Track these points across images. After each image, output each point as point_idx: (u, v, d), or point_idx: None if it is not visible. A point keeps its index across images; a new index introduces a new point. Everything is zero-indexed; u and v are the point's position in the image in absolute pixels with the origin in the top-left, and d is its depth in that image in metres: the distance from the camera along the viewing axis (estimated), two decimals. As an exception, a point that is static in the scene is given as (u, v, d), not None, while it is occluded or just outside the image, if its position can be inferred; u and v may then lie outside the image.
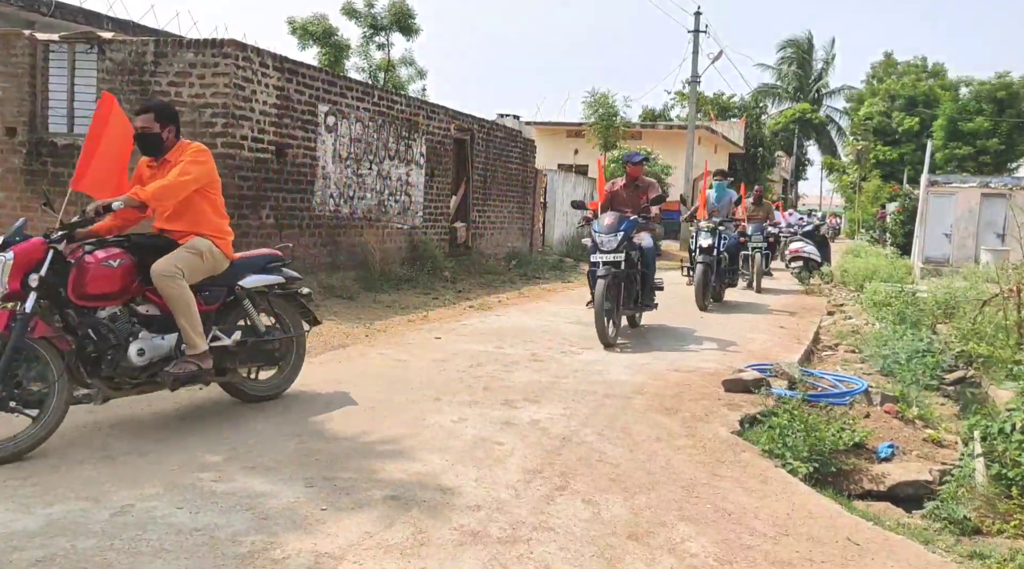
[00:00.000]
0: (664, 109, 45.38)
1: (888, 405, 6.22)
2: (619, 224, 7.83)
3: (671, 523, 3.66)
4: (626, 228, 7.82)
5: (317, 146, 10.23)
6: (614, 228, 7.77)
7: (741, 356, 7.58)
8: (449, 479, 4.00)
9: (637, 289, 8.33)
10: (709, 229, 11.22)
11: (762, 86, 55.09)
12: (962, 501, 4.56)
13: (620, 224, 7.84)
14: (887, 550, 3.62)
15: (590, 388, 6.05)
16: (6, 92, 9.50)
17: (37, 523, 3.29)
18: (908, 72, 44.26)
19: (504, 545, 3.31)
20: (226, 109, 8.69)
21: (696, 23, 27.01)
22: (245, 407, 5.15)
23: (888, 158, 38.84)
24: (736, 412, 5.55)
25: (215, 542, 3.18)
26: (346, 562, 3.08)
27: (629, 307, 8.27)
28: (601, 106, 23.13)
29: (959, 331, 9.21)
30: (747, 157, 39.20)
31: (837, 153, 53.51)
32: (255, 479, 3.87)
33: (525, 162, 17.70)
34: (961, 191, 21.00)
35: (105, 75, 9.12)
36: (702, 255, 10.77)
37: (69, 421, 4.73)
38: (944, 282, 12.01)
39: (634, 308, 8.45)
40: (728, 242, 11.40)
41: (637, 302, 8.42)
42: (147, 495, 3.61)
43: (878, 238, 30.48)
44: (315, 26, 21.63)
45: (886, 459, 5.25)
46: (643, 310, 8.61)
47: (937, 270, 17.92)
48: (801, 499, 4.14)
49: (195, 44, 8.89)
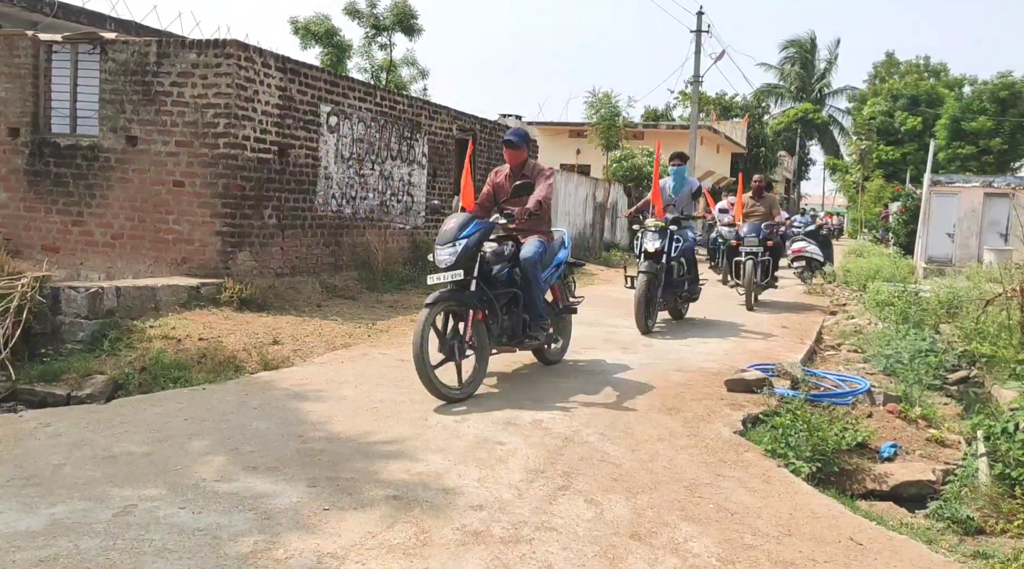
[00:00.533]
0: (666, 109, 45.38)
1: (891, 405, 6.21)
2: (460, 230, 5.54)
3: (674, 523, 3.66)
4: (469, 234, 5.53)
5: (319, 146, 10.24)
6: (451, 236, 5.51)
7: (743, 356, 7.57)
8: (451, 479, 4.00)
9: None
10: (656, 229, 8.96)
11: (765, 86, 55.06)
12: (965, 501, 4.55)
13: (462, 230, 5.54)
14: (890, 550, 3.61)
15: (592, 388, 6.05)
16: (9, 93, 9.51)
17: (40, 523, 3.29)
18: (910, 72, 44.24)
19: (507, 545, 3.30)
20: (228, 109, 8.69)
21: (698, 23, 27.03)
22: (247, 408, 5.15)
23: (891, 158, 38.80)
24: (739, 412, 5.54)
25: (217, 542, 3.18)
26: (349, 562, 3.08)
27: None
28: (604, 106, 23.08)
29: (962, 331, 9.19)
30: (749, 157, 39.16)
31: (840, 153, 53.45)
32: (257, 479, 3.87)
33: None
34: (964, 191, 20.96)
35: (108, 76, 9.13)
36: (647, 262, 8.65)
37: (71, 422, 4.74)
38: (947, 282, 11.99)
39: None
40: (683, 245, 9.13)
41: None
42: (150, 495, 3.62)
43: (881, 238, 30.45)
44: (317, 26, 21.65)
45: (889, 459, 5.25)
46: (527, 343, 6.27)
47: (940, 270, 17.89)
48: (804, 499, 4.13)
49: (197, 44, 8.89)
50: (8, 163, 9.60)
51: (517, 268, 5.95)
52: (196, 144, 8.76)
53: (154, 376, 5.79)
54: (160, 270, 8.78)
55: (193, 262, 8.69)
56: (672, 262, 8.95)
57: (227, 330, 7.16)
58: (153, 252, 8.89)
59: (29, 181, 9.51)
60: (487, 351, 5.69)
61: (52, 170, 9.40)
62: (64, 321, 6.75)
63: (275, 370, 6.28)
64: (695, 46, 26.91)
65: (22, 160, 9.52)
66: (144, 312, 7.27)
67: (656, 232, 8.92)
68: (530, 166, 6.33)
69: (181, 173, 8.81)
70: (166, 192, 8.86)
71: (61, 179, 9.36)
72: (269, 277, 9.15)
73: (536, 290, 5.96)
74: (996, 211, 20.57)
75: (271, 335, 7.19)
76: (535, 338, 6.09)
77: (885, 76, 46.52)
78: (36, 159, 9.47)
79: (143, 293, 7.43)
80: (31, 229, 9.54)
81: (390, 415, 5.07)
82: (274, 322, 7.72)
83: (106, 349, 6.40)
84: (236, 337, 6.96)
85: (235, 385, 5.77)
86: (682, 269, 9.25)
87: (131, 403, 5.24)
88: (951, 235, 20.78)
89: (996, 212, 20.57)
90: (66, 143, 9.36)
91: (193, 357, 6.24)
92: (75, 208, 9.31)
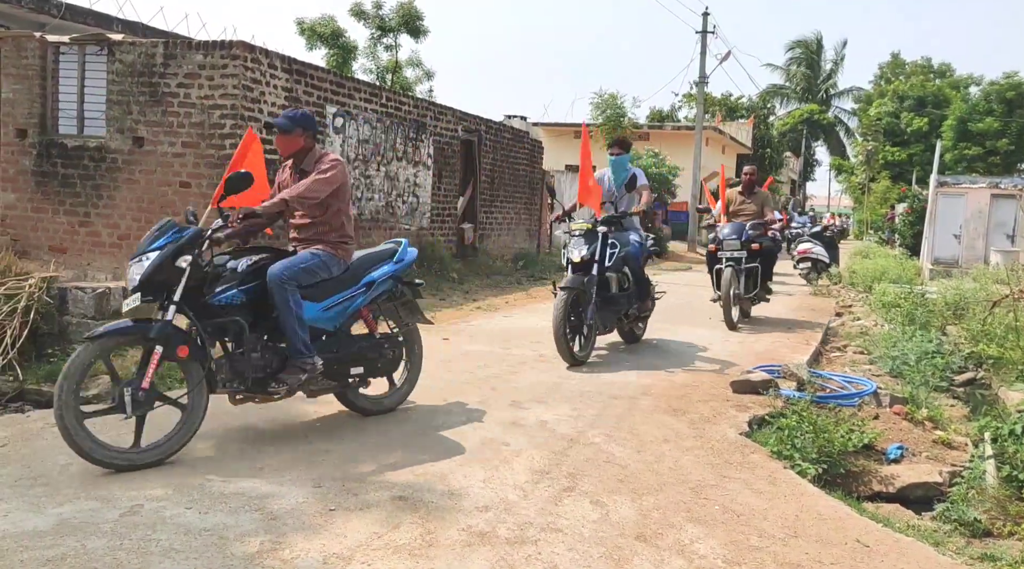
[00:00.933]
0: (672, 110, 45.35)
1: (897, 406, 6.20)
2: (152, 241, 4.27)
3: (679, 524, 3.66)
4: (160, 245, 4.18)
5: (325, 147, 10.26)
6: (141, 248, 4.25)
7: (749, 357, 7.56)
8: (457, 480, 4.00)
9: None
10: (582, 233, 7.10)
11: (770, 87, 54.97)
12: (972, 503, 4.54)
13: (154, 241, 4.24)
14: (897, 552, 3.60)
15: (597, 389, 6.05)
16: (17, 94, 9.55)
17: (48, 523, 3.30)
18: (916, 73, 44.15)
19: (512, 546, 3.30)
20: (235, 110, 8.71)
21: (704, 24, 27.00)
22: (251, 409, 5.15)
23: (897, 159, 38.70)
24: (744, 413, 5.53)
25: (224, 542, 3.18)
26: (354, 562, 3.09)
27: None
28: (609, 107, 23.13)
29: (969, 332, 9.16)
30: (755, 158, 39.11)
31: (846, 154, 53.35)
32: (263, 480, 3.87)
33: (532, 163, 17.70)
34: (971, 192, 20.90)
35: (115, 77, 9.16)
36: (574, 275, 6.94)
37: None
38: (953, 283, 11.96)
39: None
40: (622, 251, 7.27)
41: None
42: (156, 495, 3.63)
43: (887, 239, 30.38)
44: (323, 27, 21.70)
45: (895, 461, 5.23)
46: None
47: (946, 271, 17.85)
48: (810, 501, 4.12)
49: (204, 46, 8.92)
50: (16, 164, 9.64)
51: None
52: (202, 145, 8.78)
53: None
54: (166, 271, 8.80)
55: (199, 263, 8.71)
56: (608, 273, 7.18)
57: (233, 331, 7.16)
58: (159, 253, 8.91)
59: (37, 182, 9.54)
60: (201, 400, 4.24)
61: (59, 171, 9.43)
62: (71, 321, 6.78)
63: (281, 371, 6.27)
64: (700, 47, 26.88)
65: (30, 161, 9.56)
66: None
67: (582, 236, 7.09)
68: (313, 156, 4.81)
69: (187, 174, 8.84)
70: (172, 193, 8.89)
71: (68, 180, 9.39)
72: (275, 278, 9.16)
73: (288, 316, 4.39)
74: (1003, 212, 20.51)
75: (277, 336, 7.19)
76: (283, 382, 4.45)
77: (891, 77, 46.43)
78: (43, 160, 9.50)
79: (149, 294, 7.44)
80: (38, 230, 9.58)
81: (395, 416, 5.08)
82: (280, 323, 7.72)
83: (113, 349, 6.41)
84: (242, 338, 6.97)
85: (241, 385, 5.77)
86: (626, 281, 7.47)
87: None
88: (958, 236, 20.73)
89: (1003, 213, 20.52)
90: (73, 144, 9.40)
91: (199, 357, 6.24)
92: (82, 209, 9.34)
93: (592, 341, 7.05)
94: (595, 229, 7.13)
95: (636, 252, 7.52)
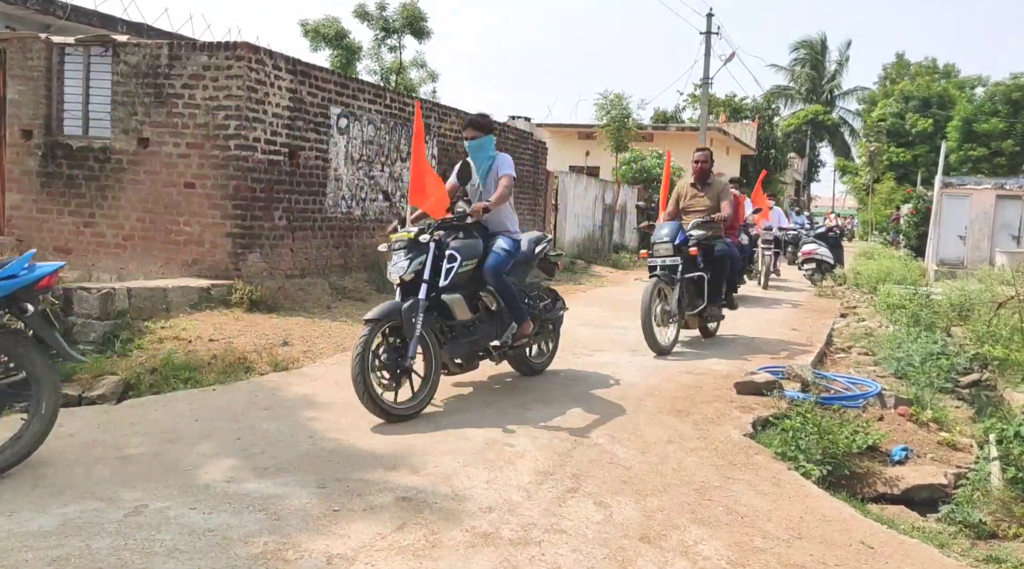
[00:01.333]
0: (676, 111, 45.34)
1: (902, 408, 6.18)
2: None
3: (683, 525, 3.65)
4: None
5: (329, 148, 10.26)
6: None
7: (753, 358, 7.55)
8: (460, 481, 4.00)
9: None
10: (405, 245, 5.30)
11: (775, 87, 54.95)
12: (977, 505, 4.53)
13: None
14: (901, 554, 3.59)
15: (602, 390, 6.04)
16: (22, 95, 9.57)
17: (52, 523, 3.31)
18: (920, 73, 44.09)
19: (516, 547, 3.30)
20: (239, 111, 8.73)
21: (708, 24, 26.99)
22: (257, 409, 5.16)
23: (901, 160, 38.66)
24: (748, 414, 5.52)
25: (228, 543, 3.19)
26: (358, 563, 3.09)
27: None
28: (614, 107, 23.08)
29: (974, 333, 9.15)
30: (759, 159, 39.08)
31: (850, 155, 53.30)
32: (267, 480, 3.88)
33: (536, 164, 17.70)
34: (976, 193, 20.87)
35: (119, 78, 9.18)
36: (392, 302, 5.17)
37: (82, 422, 4.77)
38: (959, 284, 11.94)
39: None
40: (465, 266, 5.38)
41: None
42: (160, 496, 3.63)
43: (892, 240, 30.32)
44: (327, 28, 21.72)
45: (900, 462, 5.22)
46: None
47: (951, 272, 17.82)
48: (814, 502, 4.12)
49: (209, 47, 8.93)
50: (21, 165, 9.67)
51: None
52: (207, 146, 8.80)
53: (165, 377, 5.81)
54: (171, 271, 8.82)
55: (204, 263, 8.73)
56: (450, 295, 5.30)
57: (237, 331, 7.18)
58: (164, 253, 8.94)
59: (42, 183, 9.57)
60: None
61: (64, 172, 9.46)
62: (76, 322, 6.79)
63: (285, 371, 6.30)
64: (705, 48, 26.92)
65: (35, 162, 9.58)
66: (155, 313, 7.30)
67: (404, 249, 5.27)
68: None
69: (192, 175, 8.85)
70: (177, 194, 8.90)
71: (73, 181, 9.41)
72: (279, 278, 9.17)
73: None
74: (1008, 213, 20.49)
75: (281, 336, 7.22)
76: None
77: (896, 78, 46.38)
78: (48, 161, 9.53)
79: (154, 294, 7.47)
80: (43, 230, 9.60)
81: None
82: (284, 323, 7.74)
83: (117, 350, 6.43)
84: (246, 338, 6.99)
85: (245, 386, 5.79)
86: (476, 308, 5.61)
87: (142, 404, 5.26)
88: (963, 237, 20.70)
89: (1008, 214, 20.49)
90: (78, 145, 9.42)
91: (203, 358, 6.27)
92: (87, 210, 9.36)
93: (429, 388, 5.17)
94: (416, 238, 5.29)
95: (499, 262, 5.56)
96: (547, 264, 6.48)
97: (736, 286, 9.37)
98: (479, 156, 6.02)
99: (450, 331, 5.42)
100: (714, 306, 8.27)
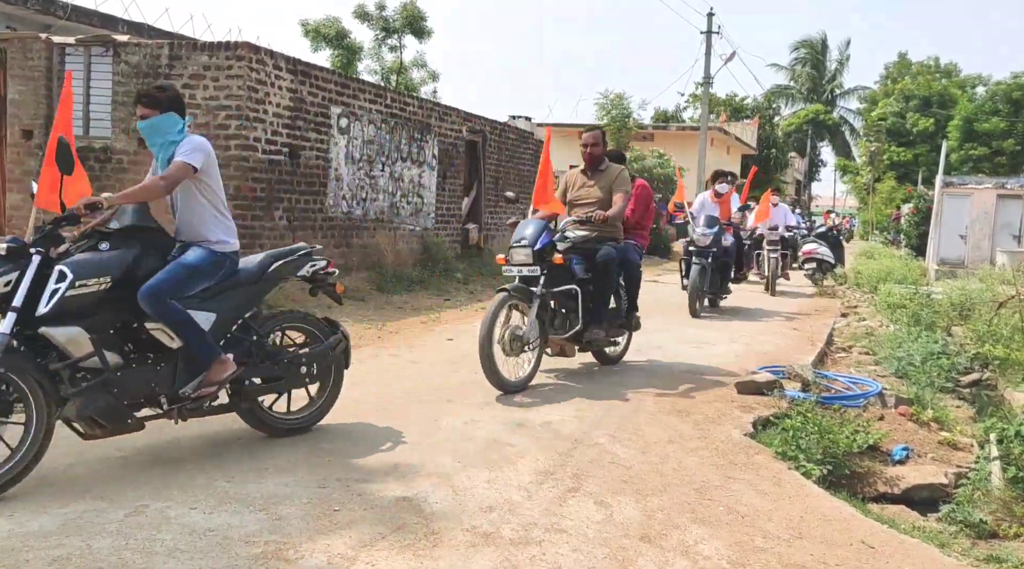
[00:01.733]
0: (676, 110, 45.32)
1: (902, 407, 6.18)
2: None
3: (684, 525, 3.65)
4: None
5: (330, 148, 10.27)
6: None
7: (753, 358, 7.55)
8: (461, 480, 4.00)
9: None
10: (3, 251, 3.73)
11: (775, 87, 54.89)
12: (978, 504, 4.53)
13: None
14: (902, 553, 3.59)
15: (602, 390, 6.04)
16: (23, 95, 9.59)
17: (53, 523, 3.31)
18: (922, 73, 44.07)
19: (516, 547, 3.30)
20: (240, 111, 8.73)
21: (708, 24, 27.00)
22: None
23: (902, 159, 38.63)
24: (749, 414, 5.52)
25: (229, 542, 3.19)
26: (359, 563, 3.09)
27: None
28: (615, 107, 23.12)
29: (975, 333, 9.15)
30: (760, 158, 39.07)
31: (851, 154, 53.24)
32: (268, 480, 3.88)
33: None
34: (976, 192, 20.86)
35: (120, 78, 9.19)
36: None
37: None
38: (959, 284, 11.94)
39: None
40: (70, 287, 3.67)
41: None
42: (161, 496, 3.63)
43: (892, 240, 30.32)
44: (328, 28, 21.74)
45: (900, 462, 5.22)
46: None
47: (952, 272, 17.82)
48: (815, 502, 4.12)
49: (209, 47, 8.94)
50: (21, 165, 9.68)
51: None
52: (207, 146, 8.80)
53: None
54: (172, 271, 8.82)
55: (204, 263, 8.73)
56: (51, 329, 3.67)
57: (238, 331, 7.18)
58: (165, 253, 8.94)
59: (42, 183, 9.57)
60: None
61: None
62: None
63: (285, 371, 6.28)
64: (705, 47, 26.93)
65: (36, 162, 9.58)
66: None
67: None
68: None
69: (192, 175, 8.85)
70: (178, 194, 8.90)
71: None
72: (280, 278, 9.17)
73: None
74: (1009, 213, 20.49)
75: (282, 336, 7.21)
76: None
77: (897, 77, 46.36)
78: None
79: (155, 294, 7.46)
80: (44, 230, 9.60)
81: (400, 417, 5.08)
82: (285, 323, 7.73)
83: (118, 350, 6.43)
84: (247, 338, 6.98)
85: (246, 386, 5.78)
86: (141, 347, 4.04)
87: (143, 404, 5.26)
88: (963, 237, 20.69)
89: (1009, 214, 20.49)
90: (79, 145, 9.41)
91: (204, 358, 6.26)
92: (88, 209, 9.37)
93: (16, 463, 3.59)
94: (24, 249, 3.72)
95: (162, 281, 3.98)
96: (325, 287, 4.79)
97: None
98: (155, 141, 4.49)
99: (81, 378, 3.76)
100: (596, 328, 6.31)
